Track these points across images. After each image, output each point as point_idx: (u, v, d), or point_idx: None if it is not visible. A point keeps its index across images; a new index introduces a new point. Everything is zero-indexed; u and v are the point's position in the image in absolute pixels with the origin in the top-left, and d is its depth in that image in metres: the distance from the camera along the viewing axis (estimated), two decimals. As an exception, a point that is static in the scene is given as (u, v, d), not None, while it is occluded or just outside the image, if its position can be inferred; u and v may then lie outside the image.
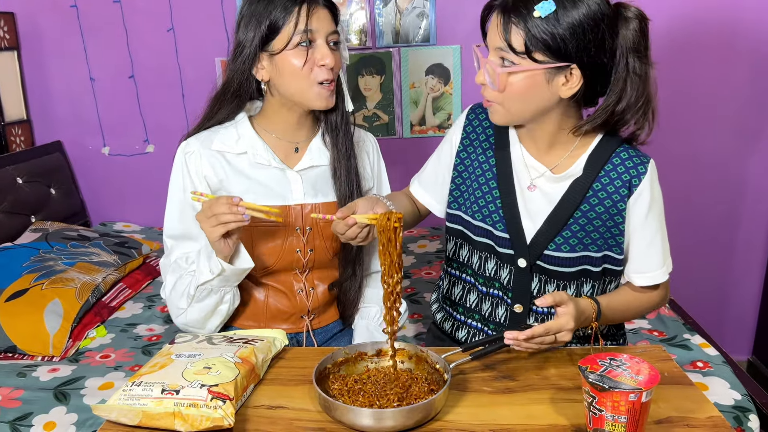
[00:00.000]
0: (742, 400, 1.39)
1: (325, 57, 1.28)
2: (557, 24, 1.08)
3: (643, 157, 1.21)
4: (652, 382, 0.93)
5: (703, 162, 2.51)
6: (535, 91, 1.13)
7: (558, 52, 1.09)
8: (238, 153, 1.37)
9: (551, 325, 1.09)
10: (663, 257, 1.25)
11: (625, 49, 1.12)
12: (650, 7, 2.35)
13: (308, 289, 1.46)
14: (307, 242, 1.41)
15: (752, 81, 2.41)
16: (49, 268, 1.91)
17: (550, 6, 1.07)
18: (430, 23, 2.46)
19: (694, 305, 2.16)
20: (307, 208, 1.39)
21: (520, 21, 1.08)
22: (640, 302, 1.27)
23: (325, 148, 1.42)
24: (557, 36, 1.08)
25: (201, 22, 2.54)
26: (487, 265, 1.31)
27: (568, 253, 1.22)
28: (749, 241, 2.59)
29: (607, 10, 1.11)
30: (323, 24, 1.28)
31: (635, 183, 1.19)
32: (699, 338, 1.66)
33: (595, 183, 1.20)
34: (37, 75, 2.66)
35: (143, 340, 1.79)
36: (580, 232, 1.21)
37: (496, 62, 1.13)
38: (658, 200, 1.22)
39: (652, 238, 1.23)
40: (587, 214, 1.20)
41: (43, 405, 1.45)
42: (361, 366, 1.20)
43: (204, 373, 1.08)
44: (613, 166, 1.20)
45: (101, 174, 2.76)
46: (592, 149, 1.21)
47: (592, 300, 1.18)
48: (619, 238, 1.22)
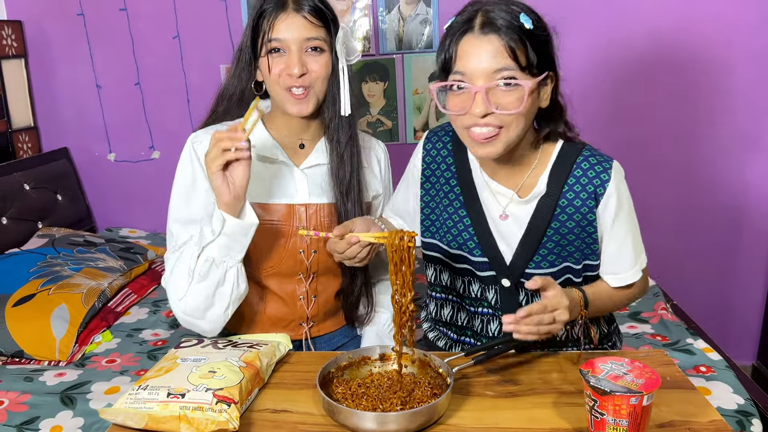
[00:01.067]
0: (745, 405, 1.39)
1: (291, 66, 1.28)
2: (540, 33, 1.10)
3: (605, 162, 1.20)
4: (653, 386, 0.94)
5: (704, 167, 2.51)
6: (533, 107, 1.14)
7: (546, 60, 1.12)
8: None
9: (547, 302, 1.08)
10: (635, 257, 1.24)
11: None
12: (650, 12, 2.37)
13: (310, 297, 1.45)
14: (310, 243, 1.40)
15: (751, 85, 2.41)
16: (56, 274, 1.93)
17: (529, 18, 1.09)
18: (433, 30, 2.47)
19: (698, 310, 2.16)
20: (312, 209, 1.39)
21: (517, 36, 1.08)
22: (622, 294, 1.28)
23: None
24: (544, 45, 1.11)
25: (206, 29, 2.57)
26: (471, 288, 1.32)
27: (548, 269, 1.23)
28: (752, 246, 2.58)
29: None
30: (296, 32, 1.28)
31: (600, 192, 1.18)
32: (702, 343, 1.66)
33: (561, 199, 1.19)
34: (44, 82, 2.69)
35: (149, 344, 1.80)
36: (556, 247, 1.22)
37: (495, 88, 1.09)
38: (625, 201, 1.22)
39: (623, 240, 1.22)
40: (559, 230, 1.20)
41: (50, 409, 1.46)
42: (365, 370, 1.21)
43: (209, 377, 1.10)
44: (575, 179, 1.19)
45: (107, 180, 2.78)
46: (552, 164, 1.21)
47: (577, 289, 1.19)
48: (593, 246, 1.22)
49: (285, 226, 1.38)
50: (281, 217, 1.38)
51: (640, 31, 2.41)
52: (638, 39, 2.42)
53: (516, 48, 1.07)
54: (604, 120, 2.51)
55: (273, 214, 1.38)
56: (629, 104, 2.48)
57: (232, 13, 2.54)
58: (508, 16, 1.08)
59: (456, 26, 1.11)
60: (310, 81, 1.30)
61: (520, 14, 1.09)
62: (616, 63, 2.46)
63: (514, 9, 1.10)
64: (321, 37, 1.30)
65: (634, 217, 1.25)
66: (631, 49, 2.43)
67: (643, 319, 1.86)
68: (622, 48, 2.44)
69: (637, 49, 2.43)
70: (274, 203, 1.38)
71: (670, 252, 2.59)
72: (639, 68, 2.45)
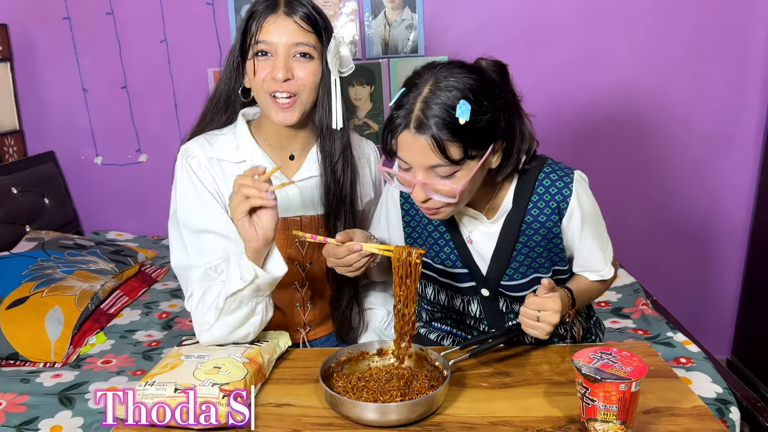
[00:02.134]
0: (723, 394, 1.46)
1: (276, 69, 1.25)
2: (479, 117, 1.06)
3: (566, 176, 1.22)
4: (640, 373, 0.99)
5: (680, 168, 2.59)
6: (478, 178, 1.14)
7: (489, 139, 1.10)
8: (236, 162, 1.34)
9: (530, 301, 1.13)
10: (605, 258, 1.29)
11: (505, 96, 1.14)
12: (629, 15, 2.44)
13: (306, 304, 1.47)
14: (305, 255, 1.41)
15: (726, 86, 2.50)
16: (48, 276, 1.94)
17: (467, 107, 1.05)
18: (419, 35, 2.52)
19: (676, 308, 2.24)
20: (306, 221, 1.39)
21: (449, 134, 1.05)
22: (597, 286, 1.33)
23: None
24: (484, 127, 1.07)
25: (193, 33, 2.58)
26: (454, 301, 1.38)
27: (520, 280, 1.28)
28: (726, 246, 2.68)
29: (491, 73, 1.14)
30: (284, 35, 1.25)
31: (564, 206, 1.21)
32: (681, 336, 1.73)
33: (527, 216, 1.23)
34: (29, 86, 2.68)
35: (143, 345, 1.82)
36: (526, 260, 1.26)
37: (433, 177, 1.10)
38: (589, 211, 1.24)
39: (591, 246, 1.27)
40: (527, 244, 1.25)
41: (49, 410, 1.47)
42: (363, 364, 1.25)
43: (214, 373, 1.13)
44: (539, 196, 1.22)
45: (94, 183, 2.78)
46: (516, 182, 1.23)
47: (565, 288, 1.23)
48: (561, 254, 1.28)
49: (279, 239, 1.37)
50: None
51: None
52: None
53: (450, 146, 1.05)
54: (578, 117, 2.59)
55: None
56: (604, 98, 2.56)
57: (219, 17, 2.56)
58: (443, 112, 1.04)
59: (395, 118, 1.08)
60: (296, 88, 1.27)
61: (458, 103, 1.05)
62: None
63: (452, 96, 1.05)
64: (310, 43, 1.27)
65: (598, 219, 1.28)
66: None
67: (625, 315, 1.92)
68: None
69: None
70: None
71: (649, 251, 2.67)
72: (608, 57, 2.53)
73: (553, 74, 2.53)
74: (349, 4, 2.51)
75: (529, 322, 1.13)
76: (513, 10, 2.49)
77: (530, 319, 1.13)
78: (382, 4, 2.51)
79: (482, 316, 1.35)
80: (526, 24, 2.50)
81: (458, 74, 1.08)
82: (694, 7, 2.43)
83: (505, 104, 1.12)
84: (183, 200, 1.33)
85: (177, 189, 1.34)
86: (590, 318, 1.46)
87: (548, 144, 2.49)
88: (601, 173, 2.59)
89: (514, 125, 1.16)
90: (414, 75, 1.13)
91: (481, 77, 1.10)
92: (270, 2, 1.27)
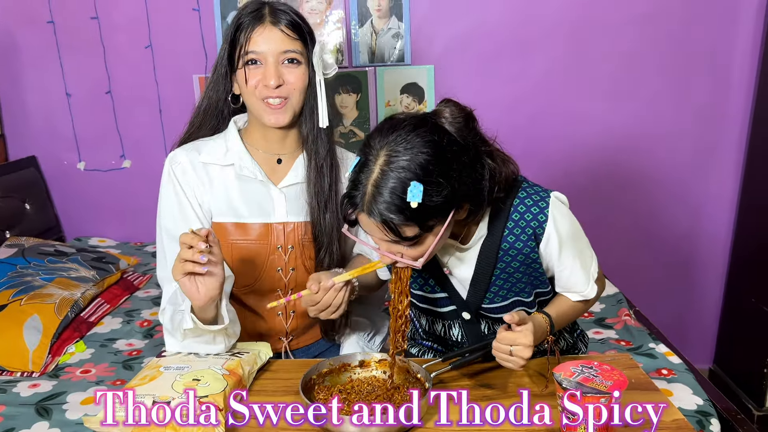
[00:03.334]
0: (704, 405, 1.47)
1: (268, 77, 1.30)
2: (433, 196, 1.02)
3: (540, 201, 1.19)
4: (620, 387, 1.00)
5: (664, 179, 2.61)
6: (444, 238, 1.11)
7: (448, 209, 1.06)
8: (224, 165, 1.39)
9: (502, 336, 1.12)
10: (586, 277, 1.26)
11: (473, 146, 1.11)
12: (615, 24, 2.46)
13: (288, 312, 1.47)
14: (288, 261, 1.42)
15: (709, 96, 2.52)
16: (27, 284, 1.91)
17: (419, 189, 1.01)
18: (405, 44, 2.53)
19: (659, 318, 2.25)
20: (290, 227, 1.41)
21: (403, 218, 1.02)
22: (580, 306, 1.31)
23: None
24: (440, 203, 1.04)
25: (179, 39, 2.57)
26: (435, 326, 1.38)
27: (501, 303, 1.28)
28: (708, 257, 2.70)
29: (455, 128, 1.09)
30: (273, 44, 1.30)
31: (540, 232, 1.19)
32: (663, 347, 1.74)
33: (503, 243, 1.21)
34: (12, 90, 2.65)
35: (123, 354, 1.80)
36: (505, 284, 1.26)
37: (398, 246, 1.08)
38: (567, 233, 1.21)
39: (572, 266, 1.24)
40: (505, 270, 1.24)
41: (25, 420, 1.44)
42: (345, 376, 1.24)
43: (193, 385, 1.12)
44: (514, 223, 1.20)
45: (76, 189, 2.74)
46: (490, 209, 1.21)
47: (543, 314, 1.22)
48: (542, 278, 1.27)
49: (262, 245, 1.40)
50: (258, 236, 1.40)
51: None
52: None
53: (403, 228, 1.03)
54: (564, 128, 2.60)
55: (250, 234, 1.40)
56: (590, 108, 2.58)
57: (205, 23, 2.55)
58: (393, 197, 1.01)
59: (351, 197, 1.06)
60: (287, 92, 1.33)
61: (409, 185, 1.00)
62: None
63: (403, 179, 1.01)
64: (297, 49, 1.33)
65: (578, 238, 1.25)
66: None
67: (608, 325, 1.93)
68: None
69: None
70: (251, 222, 1.39)
71: (632, 261, 2.69)
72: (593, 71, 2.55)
73: (538, 83, 2.55)
74: (335, 12, 2.52)
75: (502, 356, 1.13)
76: (499, 18, 2.50)
77: (503, 353, 1.12)
78: (369, 13, 2.51)
79: (464, 339, 1.35)
80: (512, 32, 2.51)
81: (411, 150, 1.02)
82: (678, 17, 2.45)
83: (467, 167, 1.08)
84: (164, 205, 1.39)
85: (161, 195, 1.39)
86: (574, 331, 1.46)
87: (534, 155, 2.55)
88: (585, 184, 2.62)
89: (480, 183, 1.11)
90: (367, 142, 1.07)
91: (437, 147, 1.04)
92: (255, 13, 1.32)
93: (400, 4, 2.50)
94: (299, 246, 1.42)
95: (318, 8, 2.52)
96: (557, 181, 2.54)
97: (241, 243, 1.39)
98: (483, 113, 1.19)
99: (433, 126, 1.07)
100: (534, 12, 2.49)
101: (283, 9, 1.33)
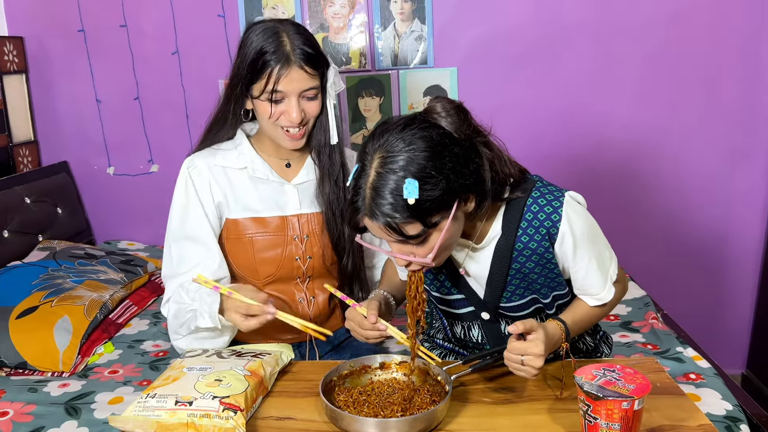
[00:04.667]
0: (733, 411, 1.43)
1: (290, 113, 1.38)
2: (430, 191, 1.03)
3: (555, 200, 1.18)
4: (643, 391, 0.98)
5: (693, 181, 2.56)
6: (454, 229, 1.11)
7: (449, 201, 1.06)
8: (239, 168, 1.48)
9: (512, 346, 1.11)
10: (603, 279, 1.24)
11: (467, 138, 1.11)
12: (642, 26, 2.43)
13: (309, 298, 1.54)
14: (305, 250, 1.51)
15: (738, 100, 2.47)
16: (58, 286, 1.95)
17: (413, 185, 1.01)
18: (428, 46, 2.53)
19: (688, 321, 2.21)
20: (303, 218, 1.50)
21: (403, 216, 1.03)
22: (599, 310, 1.29)
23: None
24: (438, 197, 1.04)
25: (205, 45, 2.61)
26: (455, 329, 1.38)
27: (519, 301, 1.27)
28: (740, 257, 2.64)
29: (447, 122, 1.10)
30: (295, 85, 1.37)
31: (554, 231, 1.18)
32: (691, 351, 1.70)
33: (517, 243, 1.20)
34: (44, 97, 2.72)
35: (150, 356, 1.83)
36: (522, 283, 1.25)
37: (407, 245, 1.09)
38: (583, 233, 1.20)
39: (587, 266, 1.22)
40: (521, 270, 1.23)
41: (55, 419, 1.48)
42: (365, 378, 1.25)
43: (215, 386, 1.13)
44: (528, 222, 1.19)
45: (106, 193, 2.80)
46: (504, 208, 1.21)
47: (558, 321, 1.20)
48: (558, 279, 1.25)
49: (280, 236, 1.49)
50: (275, 228, 1.49)
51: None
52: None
53: (405, 226, 1.04)
54: (590, 130, 2.57)
55: (267, 226, 1.49)
56: (617, 110, 2.54)
57: (230, 29, 2.58)
58: (391, 197, 1.02)
59: (354, 202, 1.07)
60: (305, 120, 1.43)
61: (404, 183, 1.01)
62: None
63: (398, 179, 1.02)
64: (316, 86, 1.40)
65: (595, 239, 1.23)
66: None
67: (634, 329, 1.90)
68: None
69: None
70: (268, 216, 1.49)
71: (660, 263, 2.64)
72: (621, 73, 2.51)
73: (563, 85, 2.52)
74: (358, 16, 2.53)
75: (514, 365, 1.12)
76: (523, 20, 2.48)
77: (515, 362, 1.12)
78: (392, 16, 2.52)
79: (484, 340, 1.35)
80: (537, 35, 2.49)
81: (403, 148, 1.03)
82: (709, 19, 2.41)
83: (463, 158, 1.08)
84: (175, 207, 1.48)
85: (173, 197, 1.49)
86: (596, 334, 1.44)
87: (559, 157, 2.53)
88: (612, 186, 2.58)
89: (480, 171, 1.12)
90: (363, 149, 1.09)
91: (430, 142, 1.04)
92: (280, 55, 1.35)
93: (423, 6, 2.50)
94: (314, 235, 1.51)
95: (341, 12, 2.54)
96: (583, 182, 2.51)
97: (260, 237, 1.49)
98: (507, 115, 1.19)
99: (423, 122, 1.08)
100: (558, 14, 2.46)
101: (301, 43, 1.36)
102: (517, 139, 1.23)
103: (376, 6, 2.51)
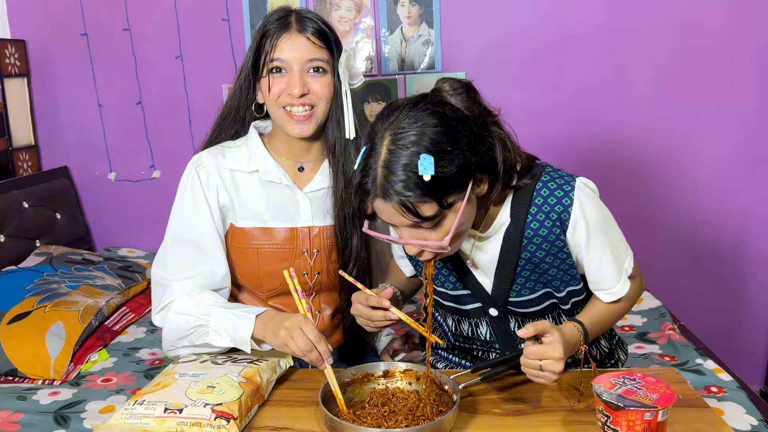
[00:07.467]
0: (758, 426, 1.35)
1: (292, 85, 1.28)
2: (446, 166, 0.98)
3: (565, 184, 1.13)
4: (668, 401, 0.91)
5: (709, 190, 2.50)
6: (468, 213, 1.06)
7: (464, 180, 1.01)
8: (249, 171, 1.38)
9: (529, 351, 1.04)
10: (618, 271, 1.17)
11: (479, 116, 1.07)
12: (656, 31, 2.38)
13: (314, 313, 1.45)
14: (314, 265, 1.40)
15: (754, 107, 2.41)
16: (53, 291, 1.90)
17: (429, 161, 0.96)
18: (435, 50, 2.48)
19: (703, 334, 2.13)
20: (315, 231, 1.39)
21: (419, 194, 0.97)
22: (617, 308, 1.21)
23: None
24: (454, 173, 0.99)
25: (209, 49, 2.57)
26: (462, 326, 1.31)
27: (530, 296, 1.20)
28: (758, 270, 2.55)
29: (456, 101, 1.06)
30: (298, 52, 1.28)
31: (565, 217, 1.12)
32: (712, 363, 1.62)
33: (527, 230, 1.14)
34: (45, 101, 2.69)
35: (146, 364, 1.76)
36: (533, 275, 1.18)
37: (420, 230, 1.03)
38: (594, 219, 1.13)
39: (601, 257, 1.15)
40: (531, 259, 1.16)
41: (43, 428, 1.41)
42: (368, 387, 1.18)
43: (208, 392, 1.07)
44: (537, 208, 1.13)
45: (107, 199, 2.76)
46: (512, 195, 1.15)
47: (576, 322, 1.13)
48: (572, 271, 1.18)
49: (288, 249, 1.38)
50: (283, 240, 1.38)
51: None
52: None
53: (421, 206, 0.98)
54: (601, 136, 2.51)
55: (275, 238, 1.38)
56: (629, 115, 2.48)
57: (235, 33, 2.55)
58: (406, 174, 0.97)
59: (363, 184, 1.02)
60: (313, 100, 1.31)
61: (419, 160, 0.96)
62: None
63: (411, 154, 0.97)
64: (323, 58, 1.31)
65: (609, 228, 1.17)
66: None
67: (651, 340, 1.82)
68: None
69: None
70: (277, 227, 1.38)
71: (675, 274, 2.56)
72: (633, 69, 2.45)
73: (573, 91, 2.47)
74: (365, 20, 2.48)
75: (533, 371, 1.05)
76: (532, 25, 2.44)
77: (533, 368, 1.04)
78: (399, 20, 2.47)
79: (493, 339, 1.27)
80: (547, 40, 2.44)
81: (415, 124, 0.99)
82: (723, 24, 2.36)
83: (476, 136, 1.03)
84: (177, 207, 1.37)
85: (177, 196, 1.38)
86: (612, 338, 1.37)
87: (570, 164, 2.45)
88: (626, 193, 2.51)
89: (493, 150, 1.07)
90: (372, 129, 1.04)
91: (442, 117, 1.00)
92: (282, 20, 1.31)
93: (431, 11, 2.46)
94: (324, 250, 1.40)
95: (347, 16, 2.50)
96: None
97: (266, 248, 1.38)
98: (516, 120, 1.15)
99: (434, 99, 1.05)
100: (567, 19, 2.42)
101: (310, 17, 1.31)
102: (526, 146, 1.18)
103: (383, 10, 2.47)
